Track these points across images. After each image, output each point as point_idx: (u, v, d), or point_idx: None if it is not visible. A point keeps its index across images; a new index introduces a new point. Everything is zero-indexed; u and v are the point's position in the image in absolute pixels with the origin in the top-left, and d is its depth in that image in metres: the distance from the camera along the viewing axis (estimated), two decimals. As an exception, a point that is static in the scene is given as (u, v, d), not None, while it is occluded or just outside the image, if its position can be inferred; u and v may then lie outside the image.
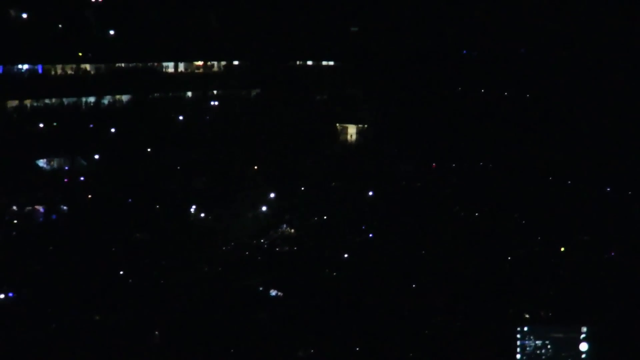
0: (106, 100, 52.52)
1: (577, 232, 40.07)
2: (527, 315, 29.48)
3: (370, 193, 47.61)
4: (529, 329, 19.61)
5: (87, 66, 52.44)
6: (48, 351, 28.04)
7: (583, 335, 19.92)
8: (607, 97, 54.68)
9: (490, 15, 60.71)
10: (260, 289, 34.43)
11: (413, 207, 44.63)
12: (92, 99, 51.86)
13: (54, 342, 28.59)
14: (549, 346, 19.60)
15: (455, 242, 38.77)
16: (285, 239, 41.40)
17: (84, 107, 51.62)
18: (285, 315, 31.06)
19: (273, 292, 34.20)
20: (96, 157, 48.61)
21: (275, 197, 46.25)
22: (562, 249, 38.89)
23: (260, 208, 45.06)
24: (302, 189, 47.62)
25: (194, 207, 45.05)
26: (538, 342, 19.52)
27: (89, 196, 43.90)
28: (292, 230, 42.83)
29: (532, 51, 61.46)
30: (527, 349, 19.59)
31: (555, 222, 41.18)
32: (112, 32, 51.60)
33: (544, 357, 19.55)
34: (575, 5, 59.37)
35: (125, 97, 53.22)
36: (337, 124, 60.65)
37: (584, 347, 19.96)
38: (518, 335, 19.57)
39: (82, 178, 46.93)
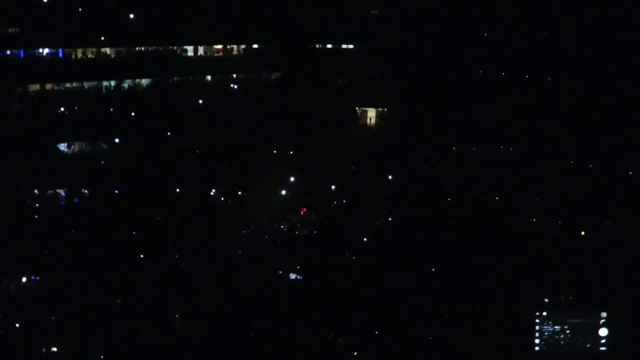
0: (127, 84, 52.74)
1: (599, 217, 39.70)
2: (546, 300, 29.29)
3: (390, 177, 47.47)
4: (547, 313, 19.42)
5: (108, 50, 52.65)
6: (70, 333, 28.32)
7: (602, 321, 19.71)
8: (629, 82, 54.11)
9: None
10: (280, 272, 34.52)
11: (433, 191, 44.45)
12: (112, 83, 52.11)
13: (76, 325, 28.84)
14: (567, 331, 19.42)
15: (475, 226, 38.60)
16: (305, 223, 41.39)
17: (104, 91, 51.90)
18: (305, 299, 31.11)
19: (292, 276, 34.27)
20: (117, 140, 48.86)
21: (295, 181, 46.23)
22: (583, 233, 38.61)
23: (281, 192, 45.08)
24: (323, 172, 47.55)
25: (214, 190, 45.16)
26: (557, 327, 19.34)
27: (111, 180, 44.12)
28: (312, 215, 42.78)
29: (555, 35, 60.89)
30: (545, 334, 19.42)
31: (577, 207, 40.82)
32: (132, 16, 51.71)
33: (562, 342, 19.40)
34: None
35: (145, 81, 53.41)
36: (357, 108, 60.50)
37: (603, 332, 19.78)
38: (536, 320, 19.40)
39: (103, 162, 47.23)
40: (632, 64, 55.41)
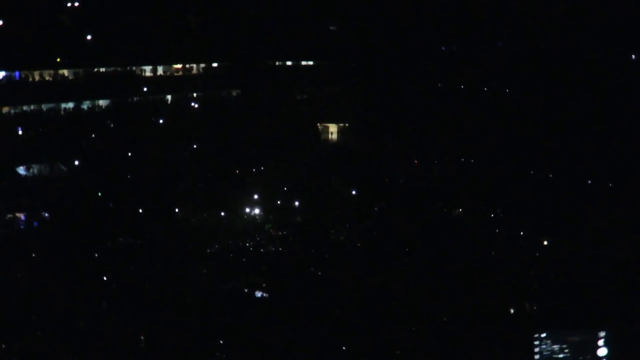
0: (85, 105, 52.25)
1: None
2: (544, 319, 28.92)
3: (354, 192, 47.60)
4: (546, 334, 19.43)
5: (65, 71, 52.10)
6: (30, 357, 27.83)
7: (601, 340, 19.75)
8: (587, 89, 54.91)
9: (467, 11, 60.90)
10: (246, 290, 34.29)
11: (396, 204, 44.62)
12: (71, 105, 51.58)
13: (37, 348, 28.34)
14: (566, 350, 19.47)
15: (439, 239, 38.72)
16: (270, 240, 41.28)
17: (62, 112, 51.34)
18: (271, 316, 30.93)
19: (258, 294, 34.07)
20: (76, 162, 48.32)
21: (258, 198, 46.12)
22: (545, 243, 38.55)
23: (244, 209, 44.93)
24: (285, 189, 47.52)
25: (177, 209, 44.84)
26: (555, 347, 19.37)
27: (71, 202, 43.57)
28: (278, 231, 42.71)
29: (510, 44, 61.69)
30: (545, 353, 19.43)
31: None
32: (89, 37, 51.31)
33: (561, 361, 19.44)
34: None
35: (104, 102, 52.97)
36: (318, 124, 60.64)
37: (602, 352, 19.84)
38: (536, 342, 19.38)
39: (62, 184, 46.62)
40: (587, 69, 56.30)
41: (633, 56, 60.02)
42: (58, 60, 50.31)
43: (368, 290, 32.47)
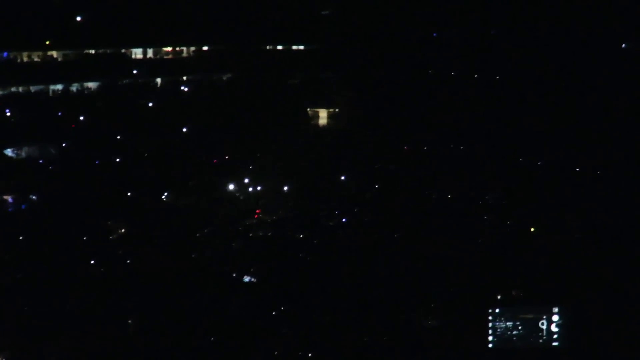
0: (75, 87, 51.96)
1: (549, 214, 40.25)
2: (499, 297, 29.56)
3: (343, 177, 47.58)
4: (500, 310, 19.47)
5: (54, 53, 51.77)
6: (21, 342, 27.81)
7: (554, 316, 19.85)
8: (577, 78, 55.01)
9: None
10: (234, 275, 34.33)
11: (386, 191, 44.68)
12: (59, 87, 51.29)
13: (27, 333, 28.32)
14: (520, 327, 19.50)
15: (428, 224, 38.87)
16: (260, 225, 41.28)
17: (51, 94, 51.03)
18: (260, 301, 31.00)
19: (247, 278, 34.12)
20: (65, 145, 48.07)
21: (249, 183, 46.05)
22: (532, 230, 39.11)
23: (235, 193, 44.86)
24: (276, 173, 47.45)
25: (166, 194, 44.72)
26: (509, 324, 19.40)
27: (60, 185, 43.35)
28: (267, 216, 42.71)
29: (504, 33, 61.59)
30: (498, 330, 19.46)
31: (528, 204, 41.35)
32: (78, 18, 50.97)
33: (515, 338, 19.47)
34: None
35: (93, 84, 52.69)
36: (309, 109, 60.50)
37: (555, 327, 19.93)
38: (489, 317, 19.43)
39: (51, 167, 46.39)
40: (563, 61, 56.43)
41: (624, 45, 60.12)
42: (47, 42, 49.97)
43: (357, 276, 32.62)
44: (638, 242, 34.33)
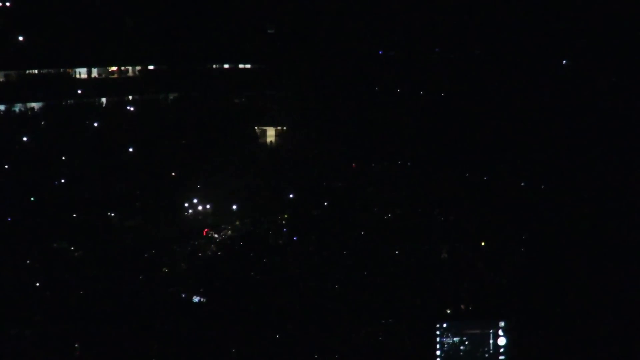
0: (17, 108, 51.27)
1: (498, 228, 40.70)
2: (448, 311, 29.76)
3: (291, 195, 47.68)
4: (447, 325, 19.52)
5: (-4, 73, 51.11)
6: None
7: (501, 330, 20.00)
8: (521, 93, 56.08)
9: (405, 15, 61.64)
10: (183, 295, 34.02)
11: (334, 208, 44.87)
12: (2, 107, 50.57)
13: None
14: (466, 342, 19.58)
15: (375, 240, 39.11)
16: (208, 244, 41.10)
17: (-7, 115, 50.31)
18: (209, 321, 30.77)
19: (196, 299, 33.83)
20: (6, 167, 47.33)
21: (196, 202, 45.87)
22: (483, 244, 39.58)
23: (182, 213, 44.63)
24: (224, 192, 47.34)
25: (113, 214, 44.25)
26: (456, 339, 19.48)
27: (2, 206, 42.59)
28: (215, 235, 42.55)
29: (447, 50, 62.62)
30: (446, 346, 19.51)
31: (475, 218, 41.82)
32: (21, 38, 50.38)
33: (462, 353, 19.55)
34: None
35: (37, 105, 52.05)
36: (256, 127, 60.56)
37: (502, 341, 20.10)
38: (437, 332, 19.47)
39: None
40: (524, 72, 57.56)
41: (564, 62, 61.57)
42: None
43: (306, 294, 32.62)
44: (587, 255, 34.86)
